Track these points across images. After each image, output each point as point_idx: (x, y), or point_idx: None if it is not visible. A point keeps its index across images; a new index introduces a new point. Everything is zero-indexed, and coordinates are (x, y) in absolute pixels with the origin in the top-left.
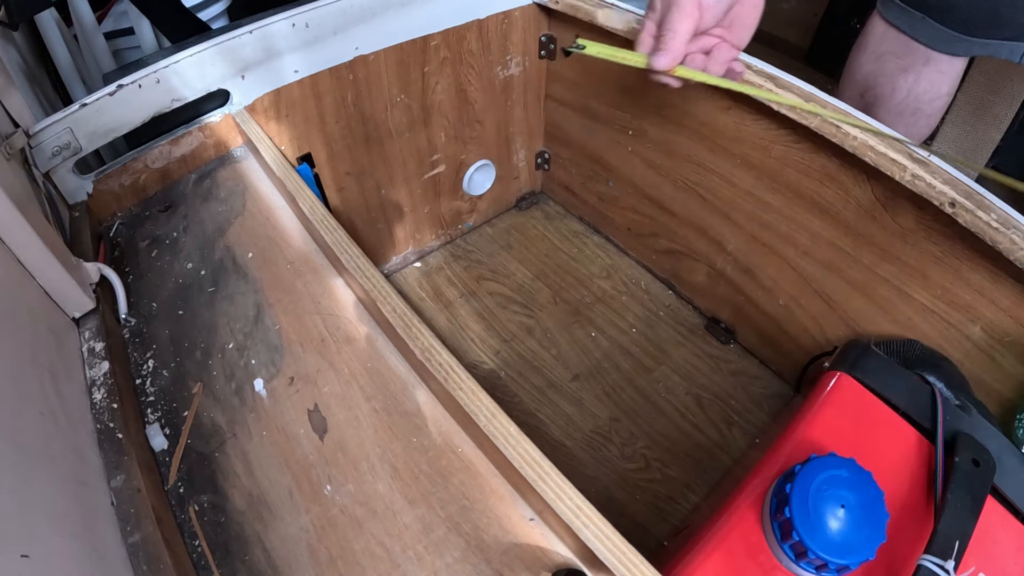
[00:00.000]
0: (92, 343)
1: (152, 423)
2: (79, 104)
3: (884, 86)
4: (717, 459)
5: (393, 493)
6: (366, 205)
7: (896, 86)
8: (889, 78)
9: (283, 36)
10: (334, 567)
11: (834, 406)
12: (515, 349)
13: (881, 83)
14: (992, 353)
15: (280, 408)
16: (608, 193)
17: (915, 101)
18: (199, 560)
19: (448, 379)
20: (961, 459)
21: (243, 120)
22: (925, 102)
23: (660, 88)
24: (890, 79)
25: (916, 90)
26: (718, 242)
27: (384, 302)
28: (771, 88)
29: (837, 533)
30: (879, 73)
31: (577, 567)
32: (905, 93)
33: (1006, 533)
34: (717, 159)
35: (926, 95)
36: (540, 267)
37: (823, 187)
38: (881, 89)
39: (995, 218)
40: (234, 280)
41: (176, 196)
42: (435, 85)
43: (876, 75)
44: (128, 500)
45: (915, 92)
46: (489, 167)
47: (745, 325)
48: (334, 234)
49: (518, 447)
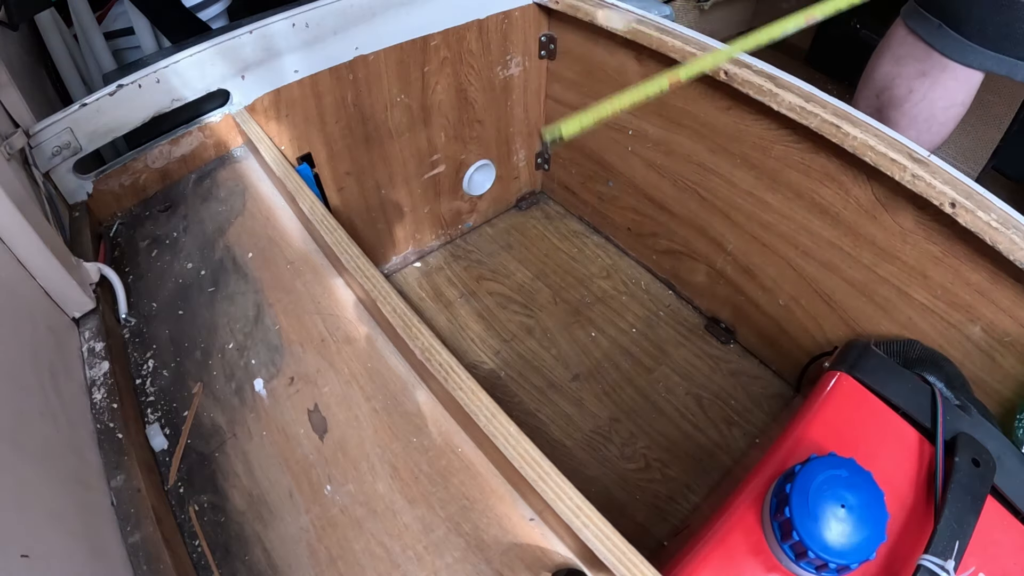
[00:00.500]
0: (92, 343)
1: (152, 423)
2: (79, 104)
3: (901, 88)
4: (717, 459)
5: (393, 493)
6: (366, 205)
7: (913, 88)
8: (907, 80)
9: (283, 36)
10: (334, 567)
11: (834, 406)
12: (515, 349)
13: (898, 84)
14: (992, 353)
15: (280, 408)
16: (608, 193)
17: (930, 106)
18: (199, 560)
19: (448, 379)
20: (961, 459)
21: (243, 120)
22: (940, 109)
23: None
24: (907, 81)
25: (932, 95)
26: (718, 242)
27: (384, 302)
28: (771, 88)
29: (837, 533)
30: (897, 75)
31: (577, 567)
32: (921, 97)
33: (1006, 533)
34: (717, 159)
35: (941, 101)
36: (540, 267)
37: (823, 187)
38: (898, 91)
39: (995, 218)
40: (234, 280)
41: (176, 196)
42: (435, 85)
43: (894, 77)
44: (128, 500)
45: (930, 97)
46: (489, 167)
47: (745, 325)
48: (334, 234)
49: (518, 447)
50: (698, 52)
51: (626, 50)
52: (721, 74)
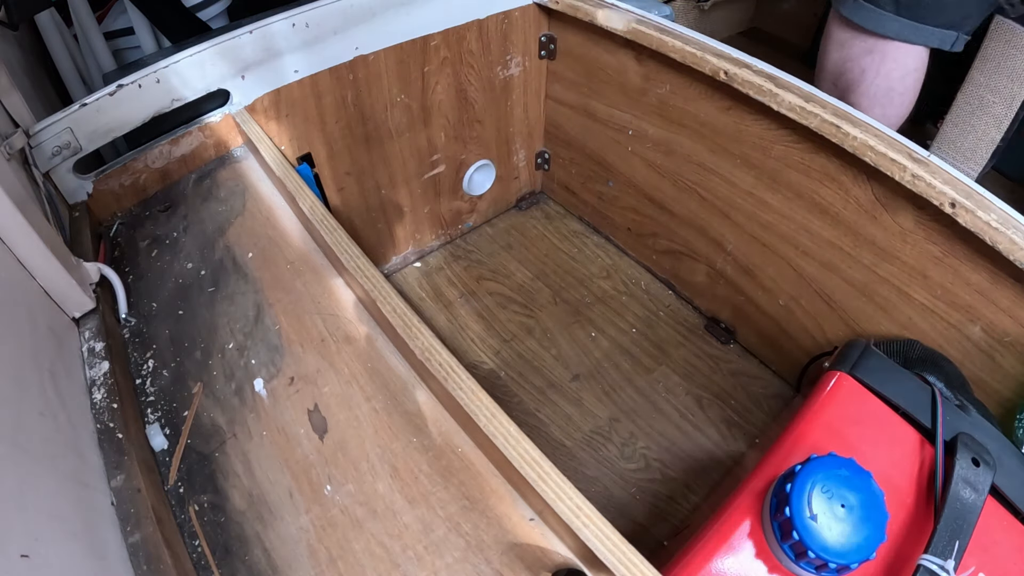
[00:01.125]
0: (92, 343)
1: (152, 423)
2: (79, 104)
3: (853, 71)
4: (717, 459)
5: (393, 493)
6: (366, 205)
7: (865, 67)
8: (856, 62)
9: (283, 36)
10: (334, 567)
11: (834, 406)
12: (515, 349)
13: (850, 68)
14: (992, 353)
15: (280, 408)
16: (608, 193)
17: (885, 80)
18: (199, 560)
19: (448, 379)
20: (961, 459)
21: (243, 120)
22: (896, 80)
23: (660, 88)
24: (857, 62)
25: (884, 69)
26: (718, 242)
27: (384, 302)
28: (771, 88)
29: (837, 533)
30: (846, 59)
31: (577, 567)
32: (875, 73)
33: (1006, 533)
34: (717, 159)
35: (895, 72)
36: (540, 267)
37: (823, 187)
38: (851, 74)
39: (995, 218)
40: (234, 280)
41: (176, 196)
42: (435, 85)
43: (844, 61)
44: (128, 500)
45: (884, 71)
46: (489, 167)
47: (745, 325)
48: (334, 234)
49: (518, 447)
50: (698, 52)
51: (626, 50)
52: (721, 74)
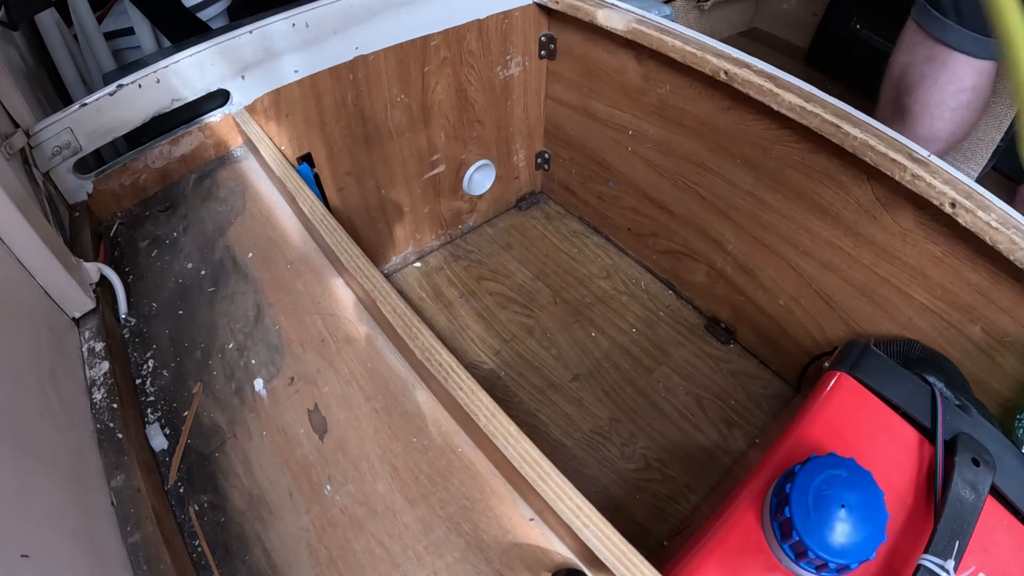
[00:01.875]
0: (92, 343)
1: (152, 423)
2: (79, 104)
3: (913, 76)
4: (717, 459)
5: (393, 493)
6: (366, 205)
7: (925, 74)
8: (918, 67)
9: (283, 36)
10: (334, 567)
11: (834, 406)
12: (515, 349)
13: (910, 72)
14: (992, 353)
15: (280, 408)
16: (608, 193)
17: (940, 91)
18: (199, 560)
19: (448, 379)
20: (961, 459)
21: (243, 120)
22: (949, 93)
23: (660, 88)
24: (919, 68)
25: (941, 80)
26: (718, 242)
27: (384, 302)
28: (771, 88)
29: (837, 533)
30: (909, 63)
31: (577, 567)
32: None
33: (1006, 533)
34: (717, 159)
35: (950, 85)
36: (540, 267)
37: (823, 187)
38: (911, 78)
39: (995, 218)
40: (234, 280)
41: (176, 196)
42: (435, 85)
43: (907, 65)
44: (128, 500)
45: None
46: (489, 167)
47: (745, 325)
48: (334, 234)
49: (518, 447)
50: (698, 52)
51: (626, 50)
52: (721, 74)
